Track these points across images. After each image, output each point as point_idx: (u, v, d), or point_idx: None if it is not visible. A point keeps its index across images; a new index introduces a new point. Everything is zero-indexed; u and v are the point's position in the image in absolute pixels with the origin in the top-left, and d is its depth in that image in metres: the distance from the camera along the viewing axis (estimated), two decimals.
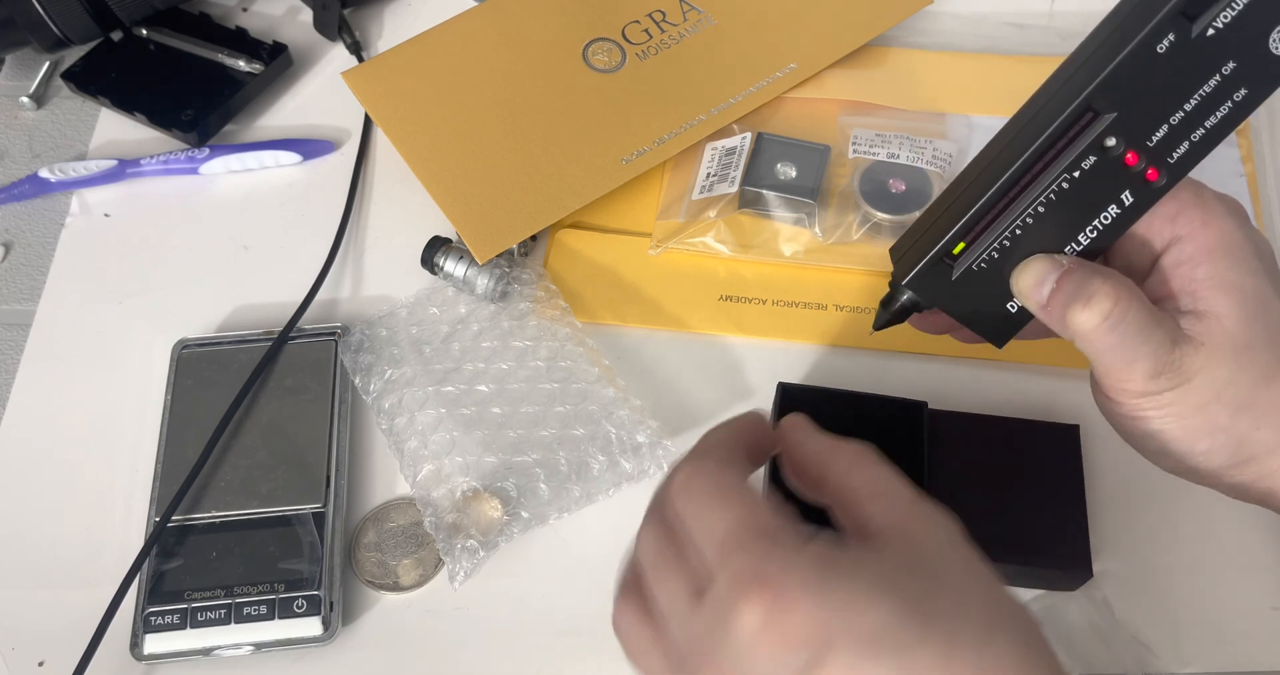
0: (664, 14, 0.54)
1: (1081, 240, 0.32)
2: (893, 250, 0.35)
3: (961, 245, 0.32)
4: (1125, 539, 0.41)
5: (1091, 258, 0.32)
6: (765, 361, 0.46)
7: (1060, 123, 0.30)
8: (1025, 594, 0.40)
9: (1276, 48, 0.30)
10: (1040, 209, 0.31)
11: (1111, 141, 0.30)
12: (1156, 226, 0.32)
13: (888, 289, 0.35)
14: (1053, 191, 0.31)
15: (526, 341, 0.46)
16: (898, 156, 0.49)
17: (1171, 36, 0.29)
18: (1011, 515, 0.39)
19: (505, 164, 0.49)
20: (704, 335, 0.47)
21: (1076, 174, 0.31)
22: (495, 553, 0.41)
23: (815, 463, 0.30)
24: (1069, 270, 0.31)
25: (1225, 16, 0.29)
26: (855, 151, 0.49)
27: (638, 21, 0.54)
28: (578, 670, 0.40)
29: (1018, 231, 0.32)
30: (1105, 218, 0.31)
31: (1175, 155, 0.31)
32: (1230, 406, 0.31)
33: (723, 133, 0.51)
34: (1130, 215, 0.32)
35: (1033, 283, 0.32)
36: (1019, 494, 0.40)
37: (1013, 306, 0.33)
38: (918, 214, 0.47)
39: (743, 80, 0.52)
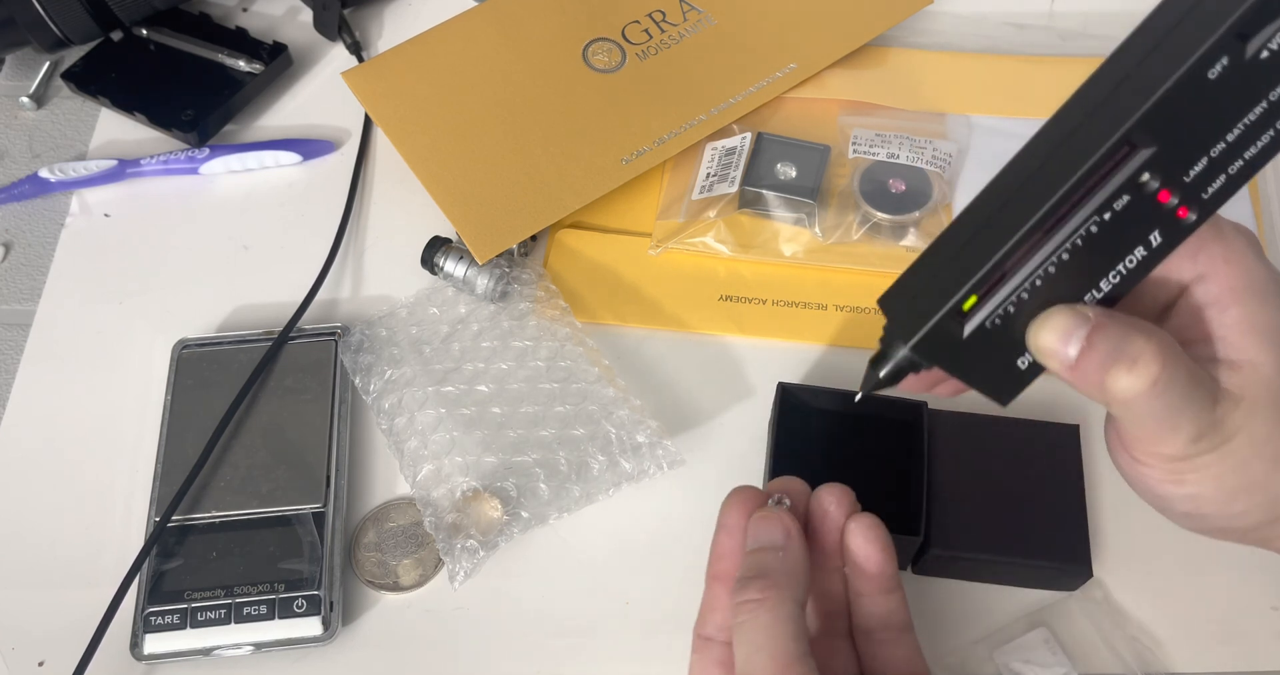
0: (664, 14, 0.54)
1: (1103, 287, 0.28)
2: (883, 301, 0.30)
3: (973, 300, 0.28)
4: (1125, 539, 0.41)
5: (1110, 305, 0.29)
6: (765, 361, 0.46)
7: (1098, 158, 0.26)
8: (1026, 594, 0.40)
9: None
10: (1065, 256, 0.27)
11: (1145, 177, 0.26)
12: (1175, 265, 0.29)
13: (877, 346, 0.30)
14: (1080, 235, 0.27)
15: (526, 341, 0.46)
16: (898, 156, 0.49)
17: (1226, 60, 0.25)
18: (1012, 515, 0.39)
19: (505, 164, 0.49)
20: (704, 335, 0.47)
21: (1107, 216, 0.27)
22: (495, 553, 0.41)
23: None
24: (1099, 325, 0.27)
25: None
26: (855, 151, 0.49)
27: (638, 21, 0.54)
28: (577, 670, 0.40)
29: (1038, 282, 0.27)
30: (1130, 261, 0.28)
31: (1210, 190, 0.27)
32: (1268, 461, 0.29)
33: (723, 133, 0.51)
34: (1156, 257, 0.28)
35: (1057, 340, 0.28)
36: (1019, 494, 0.40)
37: (1023, 362, 0.29)
38: (918, 214, 0.47)
39: (743, 80, 0.52)
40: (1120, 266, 0.28)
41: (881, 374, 0.30)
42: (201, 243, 0.51)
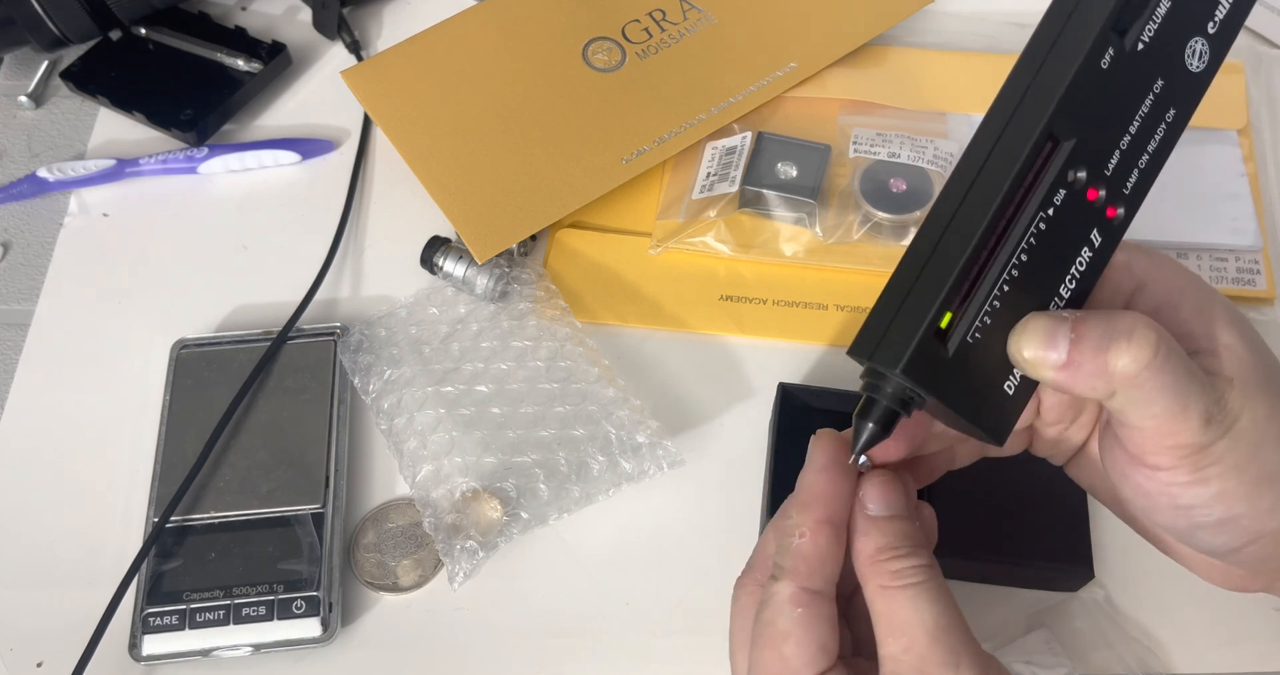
0: (664, 13, 0.54)
1: (1063, 293, 0.28)
2: (854, 350, 0.28)
3: (949, 316, 0.27)
4: (1127, 539, 0.41)
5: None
6: (765, 361, 0.46)
7: (1029, 151, 0.26)
8: (1027, 594, 0.40)
9: (1193, 65, 0.29)
10: (1024, 257, 0.27)
11: (1073, 174, 0.27)
12: (1114, 277, 0.30)
13: (861, 397, 0.28)
14: (1033, 234, 0.27)
15: (526, 341, 0.46)
16: (898, 156, 0.49)
17: (1111, 51, 0.27)
18: (1013, 515, 0.39)
19: (505, 163, 0.49)
20: (704, 335, 0.47)
21: (1051, 211, 0.27)
22: (495, 553, 0.41)
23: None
24: (1080, 317, 0.27)
25: (1150, 29, 0.27)
26: (856, 151, 0.49)
27: (638, 20, 0.54)
28: (578, 671, 0.40)
29: (1005, 287, 0.27)
30: (1080, 263, 0.28)
31: (1129, 185, 0.29)
32: (1277, 441, 0.28)
33: (723, 132, 0.51)
34: (1100, 258, 0.29)
35: (1041, 341, 0.27)
36: (1020, 494, 0.40)
37: (1010, 386, 0.28)
38: (919, 214, 0.47)
39: (743, 79, 0.52)
40: (1073, 270, 0.28)
41: (871, 421, 0.28)
42: (200, 242, 0.51)
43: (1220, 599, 0.40)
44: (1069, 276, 0.28)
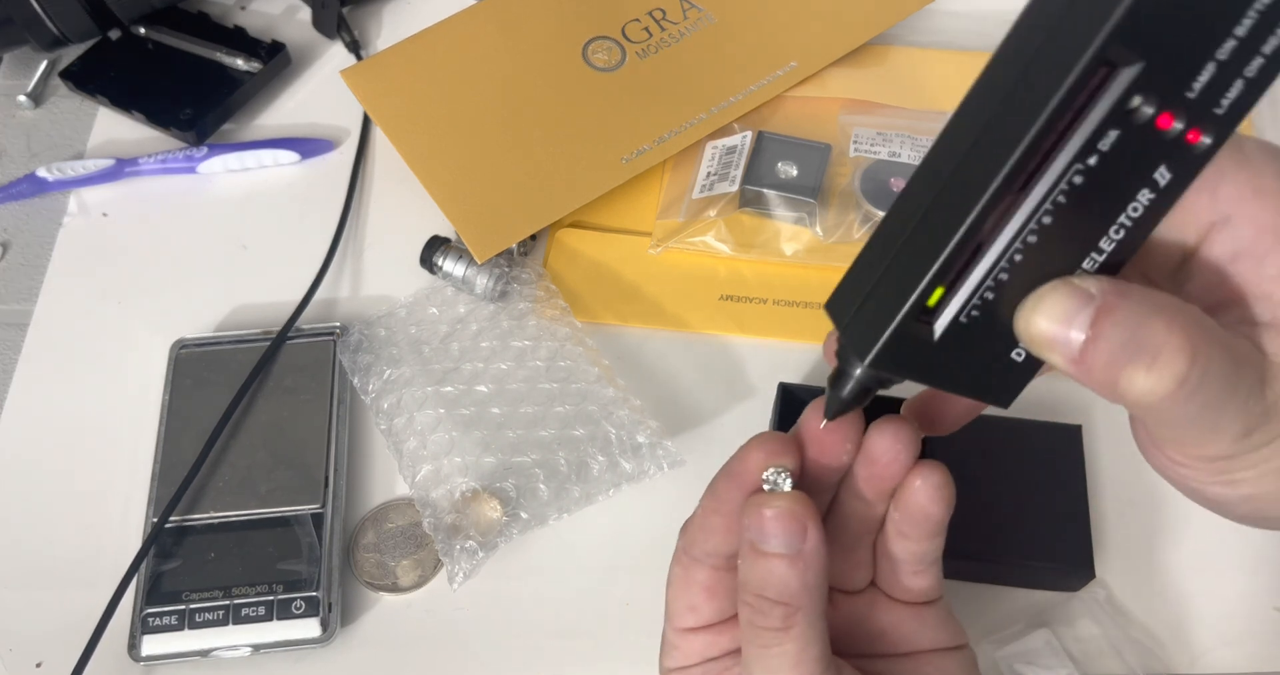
0: (664, 12, 0.54)
1: (1103, 248, 0.22)
2: (830, 305, 0.25)
3: (940, 292, 0.22)
4: (1127, 539, 0.41)
5: (1114, 271, 0.23)
6: (766, 361, 0.46)
7: (1067, 90, 0.20)
8: (1028, 595, 0.40)
9: None
10: (1046, 219, 0.21)
11: (1136, 101, 0.20)
12: (1188, 208, 0.23)
13: (834, 361, 0.25)
14: (1062, 190, 0.21)
15: (526, 341, 0.46)
16: (899, 155, 0.49)
17: None
18: (1014, 516, 0.39)
19: (505, 163, 0.49)
20: (704, 335, 0.47)
21: (1093, 160, 0.21)
22: (494, 554, 0.41)
23: None
24: (1106, 306, 0.21)
25: None
26: (856, 150, 0.49)
27: (638, 20, 0.54)
28: (577, 672, 0.40)
29: (1017, 257, 0.22)
30: (1134, 209, 0.22)
31: (1225, 102, 0.21)
32: None
33: (723, 131, 0.51)
34: (1167, 199, 0.22)
35: (1053, 327, 0.22)
36: (1021, 494, 0.40)
37: (1019, 354, 0.24)
38: None
39: (743, 79, 0.52)
40: (1122, 219, 0.22)
41: (844, 394, 0.25)
42: (200, 242, 0.51)
43: (1220, 599, 0.40)
44: (1116, 228, 0.22)
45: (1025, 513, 0.39)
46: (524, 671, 0.40)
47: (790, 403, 0.42)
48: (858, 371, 0.24)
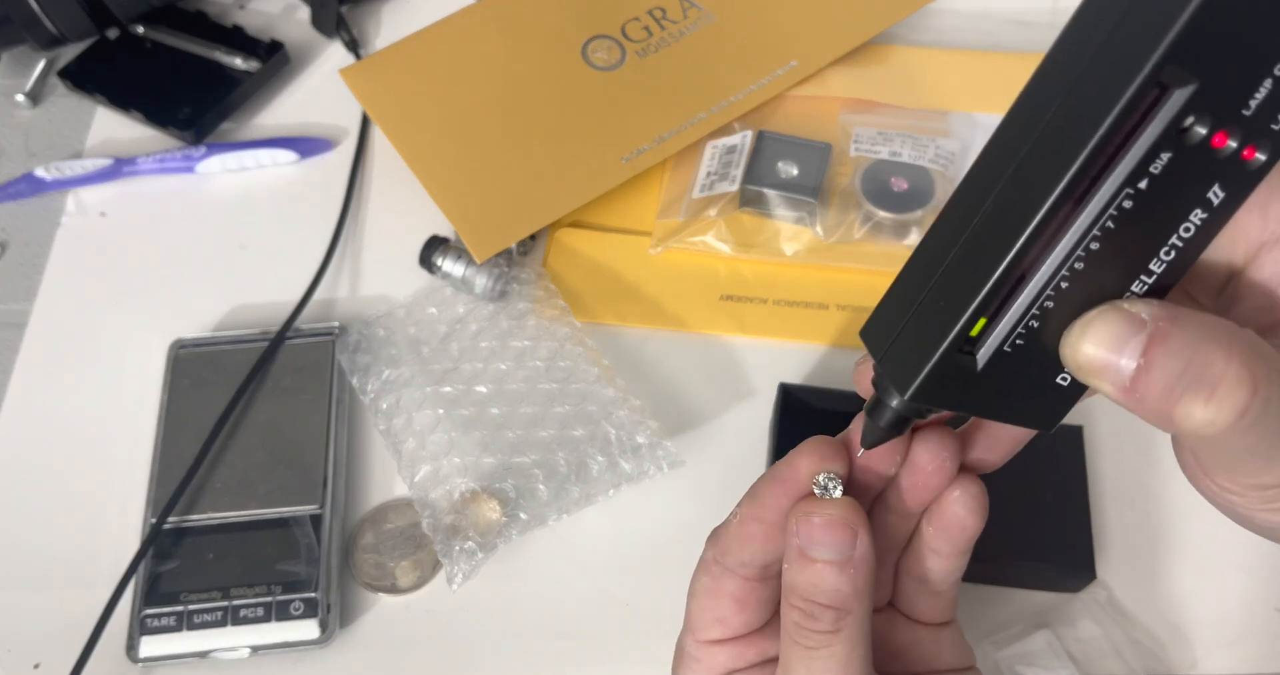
0: (664, 11, 0.54)
1: (1154, 269, 0.21)
2: (865, 332, 0.24)
3: (982, 322, 0.22)
4: (1128, 540, 0.41)
5: (1163, 294, 0.22)
6: (766, 361, 0.46)
7: (1117, 114, 0.19)
8: (1029, 595, 0.40)
9: None
10: (1094, 244, 0.21)
11: (1189, 122, 0.20)
12: (1238, 226, 0.22)
13: (871, 392, 0.25)
14: (1111, 215, 0.20)
15: (525, 341, 0.46)
16: (900, 155, 0.48)
17: None
18: (1015, 516, 0.39)
19: (504, 162, 0.49)
20: (704, 335, 0.47)
21: (1144, 184, 0.20)
22: (494, 554, 0.41)
23: None
24: (1159, 333, 0.20)
25: None
26: (857, 150, 0.49)
27: (638, 19, 0.54)
28: (577, 672, 0.40)
29: (1063, 284, 0.21)
30: (1186, 229, 0.21)
31: None
32: None
33: (723, 131, 0.51)
34: (1220, 218, 0.21)
35: (1102, 354, 0.21)
36: (1022, 495, 0.40)
37: (1064, 379, 0.23)
38: (920, 213, 0.47)
39: (743, 78, 0.52)
40: (1173, 240, 0.21)
41: (882, 424, 0.25)
42: (198, 242, 0.51)
43: (1221, 600, 0.40)
44: (1166, 249, 0.21)
45: (1026, 513, 0.39)
46: (523, 672, 0.40)
47: (790, 403, 0.42)
48: (895, 402, 0.24)
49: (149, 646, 0.39)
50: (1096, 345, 0.21)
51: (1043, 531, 0.39)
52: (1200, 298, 0.24)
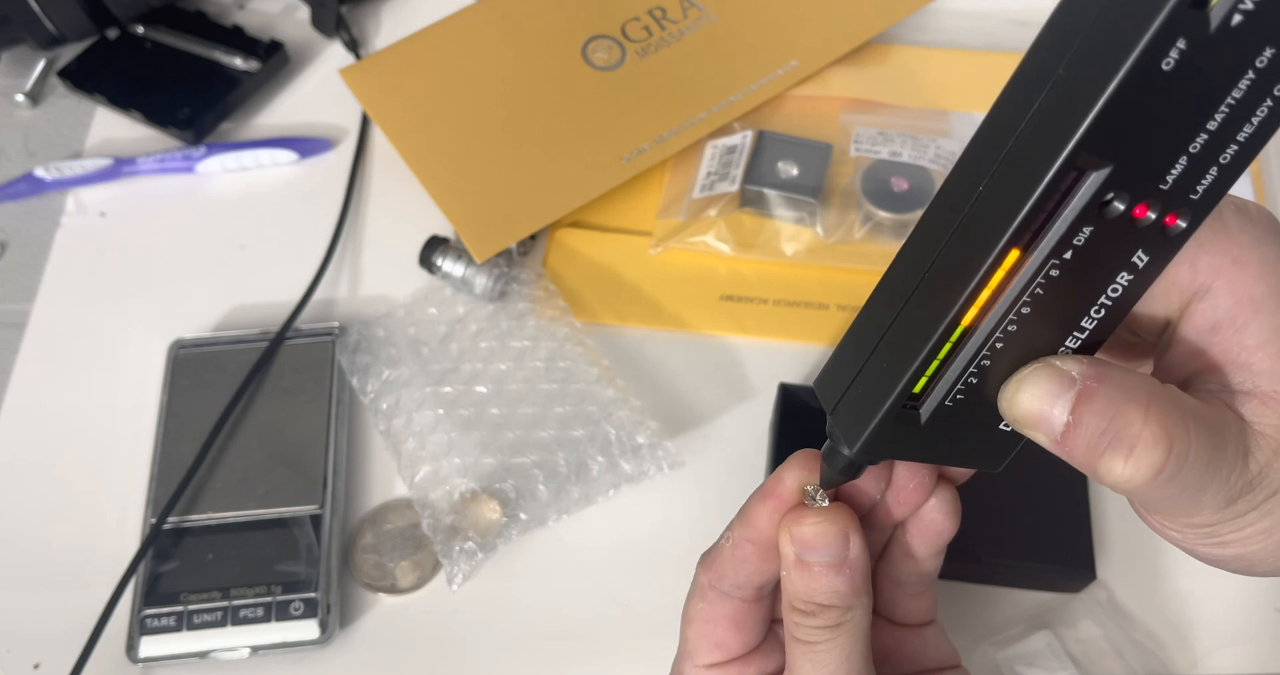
0: (664, 11, 0.54)
1: (1085, 326, 0.23)
2: (818, 384, 0.26)
3: (924, 380, 0.23)
4: (1129, 540, 0.41)
5: (1093, 349, 0.24)
6: (766, 362, 0.46)
7: (1036, 198, 0.20)
8: (1029, 596, 0.40)
9: None
10: (1025, 309, 0.22)
11: (1109, 197, 0.21)
12: (1171, 278, 0.23)
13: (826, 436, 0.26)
14: (1039, 283, 0.22)
15: (525, 341, 0.46)
16: (900, 155, 0.48)
17: (1183, 43, 0.19)
18: (1014, 516, 0.39)
19: (504, 162, 0.49)
20: (704, 335, 0.47)
21: (1068, 255, 0.22)
22: (493, 555, 0.41)
23: None
24: (1086, 393, 0.22)
25: None
26: (857, 150, 0.49)
27: (638, 18, 0.54)
28: (577, 673, 0.40)
29: (999, 344, 0.23)
30: (1114, 290, 0.22)
31: (1200, 188, 0.21)
32: None
33: (723, 131, 0.51)
34: (1145, 279, 0.23)
35: (1034, 411, 0.23)
36: (1022, 495, 0.40)
37: (1007, 425, 0.24)
38: (919, 213, 0.47)
39: (744, 78, 0.52)
40: (1102, 300, 0.23)
41: (837, 470, 0.26)
42: (198, 242, 0.51)
43: (1221, 600, 0.40)
44: (1095, 308, 0.23)
45: (1026, 514, 0.39)
46: (523, 672, 0.40)
47: (790, 403, 0.42)
48: (847, 452, 0.25)
49: (149, 646, 0.39)
50: (1030, 401, 0.23)
51: (1043, 532, 0.39)
52: (1147, 337, 0.25)
